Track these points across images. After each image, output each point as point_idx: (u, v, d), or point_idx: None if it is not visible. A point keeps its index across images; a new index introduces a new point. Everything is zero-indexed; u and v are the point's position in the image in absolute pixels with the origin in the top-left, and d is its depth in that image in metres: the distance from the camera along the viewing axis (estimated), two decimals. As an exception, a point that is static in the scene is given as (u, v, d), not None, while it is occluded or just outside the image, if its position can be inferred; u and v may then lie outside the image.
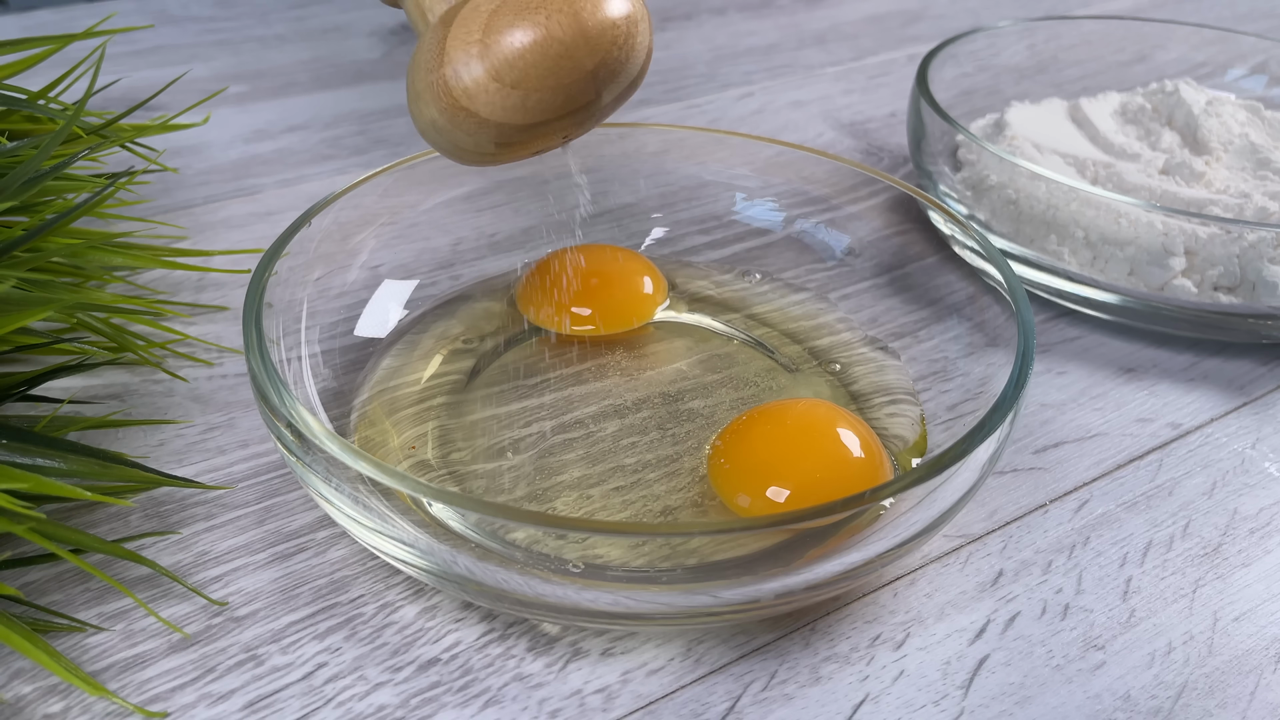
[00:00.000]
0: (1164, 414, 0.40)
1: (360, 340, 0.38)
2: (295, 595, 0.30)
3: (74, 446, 0.29)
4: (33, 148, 0.35)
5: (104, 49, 0.40)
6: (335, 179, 0.52)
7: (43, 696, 0.27)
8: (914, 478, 0.26)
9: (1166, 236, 0.41)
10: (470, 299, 0.41)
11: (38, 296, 0.29)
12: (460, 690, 0.28)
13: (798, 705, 0.28)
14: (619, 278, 0.40)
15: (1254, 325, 0.42)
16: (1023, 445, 0.38)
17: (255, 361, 0.29)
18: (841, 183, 0.42)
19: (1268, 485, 0.37)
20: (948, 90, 0.53)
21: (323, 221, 0.36)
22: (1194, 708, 0.29)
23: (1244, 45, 0.59)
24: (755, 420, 0.33)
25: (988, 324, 0.36)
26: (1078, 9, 0.83)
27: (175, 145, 0.53)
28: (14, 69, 0.41)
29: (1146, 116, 0.53)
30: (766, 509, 0.31)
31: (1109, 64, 0.60)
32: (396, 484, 0.26)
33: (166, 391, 0.38)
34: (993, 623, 0.31)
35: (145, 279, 0.43)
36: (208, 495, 0.33)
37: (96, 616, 0.29)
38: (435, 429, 0.35)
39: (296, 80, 0.63)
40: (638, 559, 0.30)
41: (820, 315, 0.41)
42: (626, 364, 0.38)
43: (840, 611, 0.31)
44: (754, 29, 0.74)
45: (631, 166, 0.44)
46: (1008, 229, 0.46)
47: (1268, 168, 0.47)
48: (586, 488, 0.32)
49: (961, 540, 0.34)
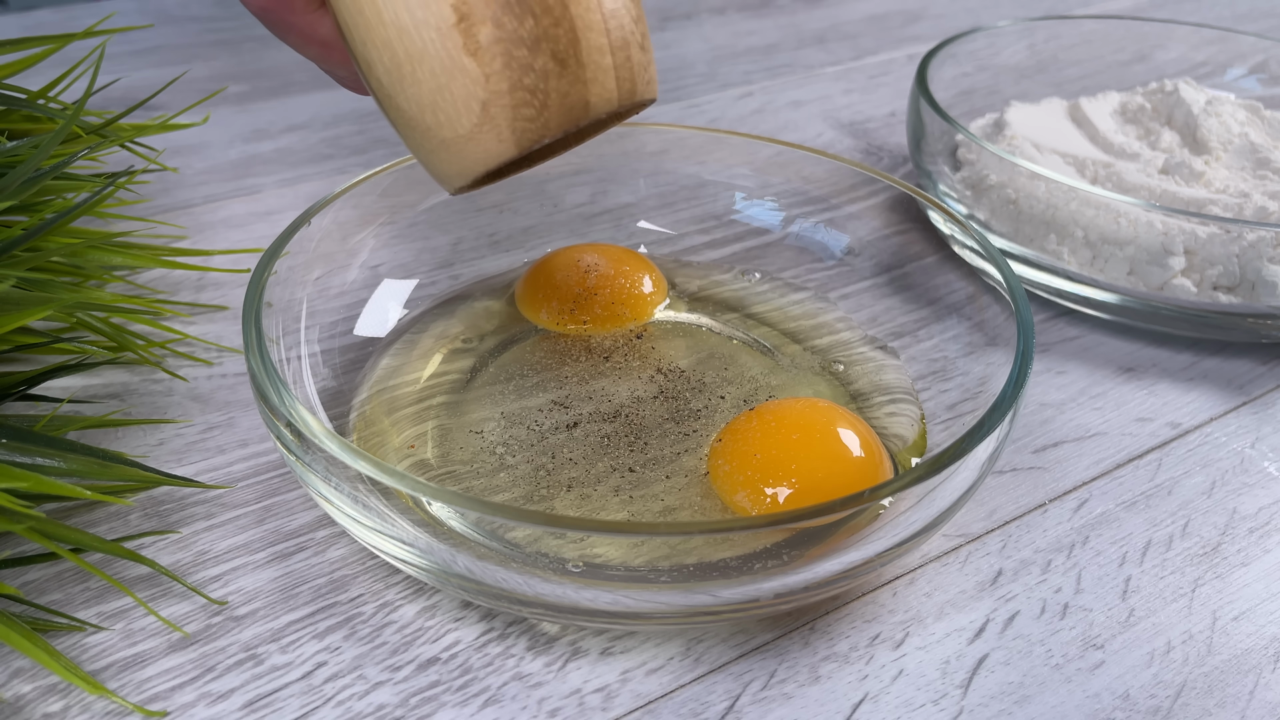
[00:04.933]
0: (1163, 413, 0.40)
1: (360, 340, 0.38)
2: (295, 594, 0.30)
3: (73, 446, 0.29)
4: (32, 147, 0.35)
5: (104, 49, 0.40)
6: (335, 179, 0.52)
7: (42, 695, 0.27)
8: (913, 477, 0.26)
9: (1166, 236, 0.41)
10: (470, 298, 0.41)
11: (37, 296, 0.29)
12: (460, 689, 0.28)
13: (797, 704, 0.28)
14: (618, 277, 0.40)
15: (1253, 325, 0.42)
16: (1022, 445, 0.38)
17: (255, 361, 0.29)
18: (841, 182, 0.42)
19: (1267, 485, 0.37)
20: (947, 90, 0.53)
21: (322, 221, 0.36)
22: (1193, 707, 0.29)
23: (1244, 45, 0.59)
24: (755, 420, 0.33)
25: (987, 323, 0.36)
26: (1078, 9, 0.83)
27: (175, 145, 0.53)
28: (14, 69, 0.41)
29: (1146, 116, 0.53)
30: (766, 508, 0.31)
31: (1109, 64, 0.60)
32: (396, 483, 0.26)
33: (166, 391, 0.38)
34: (992, 622, 0.31)
35: (145, 279, 0.43)
36: (207, 494, 0.34)
37: (96, 616, 0.29)
38: (435, 428, 0.35)
39: (296, 80, 0.63)
40: (637, 559, 0.30)
41: (820, 315, 0.41)
42: (626, 364, 0.38)
43: (839, 611, 0.31)
44: (754, 29, 0.74)
45: (631, 166, 0.44)
46: (1007, 228, 0.46)
47: (1267, 167, 0.47)
48: (586, 487, 0.32)
49: (961, 540, 0.34)
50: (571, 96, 0.25)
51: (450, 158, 0.25)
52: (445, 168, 0.26)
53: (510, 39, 0.24)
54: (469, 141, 0.25)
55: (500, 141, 0.25)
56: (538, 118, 0.25)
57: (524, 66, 0.24)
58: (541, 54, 0.24)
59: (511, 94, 0.24)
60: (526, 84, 0.24)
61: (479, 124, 0.24)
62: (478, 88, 0.24)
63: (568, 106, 0.25)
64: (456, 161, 0.25)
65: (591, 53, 0.24)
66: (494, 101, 0.24)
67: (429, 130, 0.25)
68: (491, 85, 0.24)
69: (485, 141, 0.25)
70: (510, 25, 0.24)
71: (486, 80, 0.24)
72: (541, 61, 0.24)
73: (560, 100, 0.25)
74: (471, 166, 0.25)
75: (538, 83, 0.24)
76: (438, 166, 0.26)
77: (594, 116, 0.26)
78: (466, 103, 0.24)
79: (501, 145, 0.25)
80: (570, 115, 0.25)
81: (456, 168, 0.26)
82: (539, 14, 0.24)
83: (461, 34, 0.24)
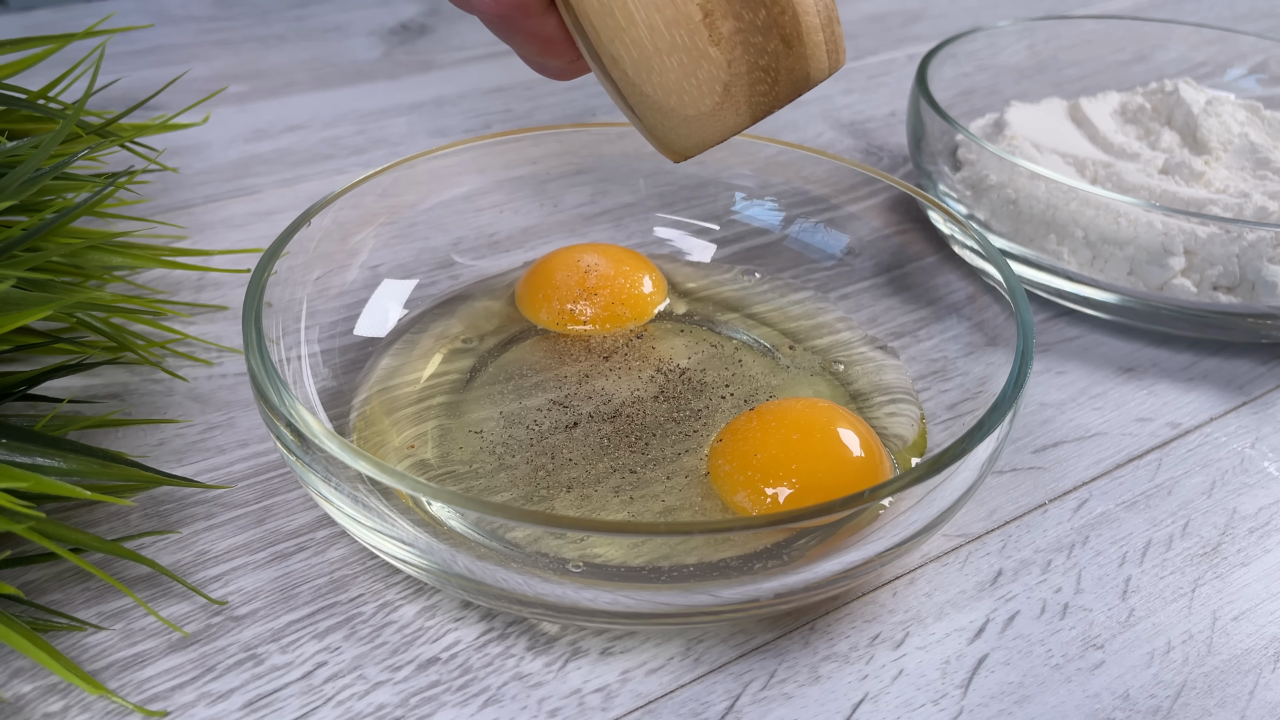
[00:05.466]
0: (1163, 413, 0.40)
1: (360, 340, 0.38)
2: (294, 594, 0.30)
3: (74, 446, 0.29)
4: (33, 147, 0.35)
5: (104, 49, 0.40)
6: (335, 179, 0.52)
7: (42, 695, 0.27)
8: (913, 477, 0.26)
9: (1166, 236, 0.41)
10: (470, 298, 0.41)
11: (38, 296, 0.29)
12: (460, 689, 0.28)
13: (797, 704, 0.28)
14: (618, 277, 0.40)
15: (1253, 325, 0.42)
16: (1022, 445, 0.38)
17: (255, 361, 0.29)
18: (841, 182, 0.42)
19: (1267, 485, 0.37)
20: (947, 90, 0.53)
21: (322, 221, 0.36)
22: (1193, 707, 0.29)
23: (1244, 45, 0.59)
24: (755, 420, 0.33)
25: (987, 323, 0.36)
26: (1078, 9, 0.83)
27: (175, 145, 0.53)
28: (14, 69, 0.41)
29: (1146, 116, 0.53)
30: (766, 508, 0.31)
31: (1109, 64, 0.60)
32: (396, 483, 0.26)
33: (166, 391, 0.38)
34: (992, 622, 0.31)
35: (145, 279, 0.43)
36: (207, 494, 0.34)
37: (96, 615, 0.29)
38: (435, 428, 0.35)
39: (296, 80, 0.63)
40: (637, 559, 0.30)
41: (820, 315, 0.41)
42: (626, 364, 0.38)
43: (839, 611, 0.31)
44: (754, 29, 0.74)
45: (631, 166, 0.44)
46: (1007, 228, 0.46)
47: (1267, 167, 0.47)
48: (586, 487, 0.32)
49: (961, 540, 0.34)
50: (797, 71, 0.28)
51: (691, 132, 0.29)
52: (683, 141, 0.30)
53: (748, 28, 0.27)
54: (710, 118, 0.29)
55: (738, 115, 0.29)
56: (770, 92, 0.28)
57: (759, 50, 0.28)
58: (773, 38, 0.27)
59: (749, 75, 0.28)
60: (762, 65, 0.28)
61: (720, 103, 0.28)
62: (721, 72, 0.28)
63: (794, 80, 0.28)
64: (697, 135, 0.29)
65: (809, 32, 0.28)
66: (735, 83, 0.28)
67: (673, 110, 0.28)
68: (733, 69, 0.28)
69: (725, 117, 0.29)
70: (748, 17, 0.27)
71: (729, 65, 0.28)
72: (773, 44, 0.28)
73: (788, 75, 0.28)
74: (710, 138, 0.29)
75: (771, 63, 0.28)
76: (676, 141, 0.30)
77: (813, 85, 0.29)
78: (710, 85, 0.28)
79: (739, 118, 0.29)
80: (795, 87, 0.29)
81: (696, 140, 0.29)
82: (769, 4, 0.27)
83: (707, 28, 0.27)
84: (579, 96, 0.62)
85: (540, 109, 0.61)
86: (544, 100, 0.62)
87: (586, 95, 0.62)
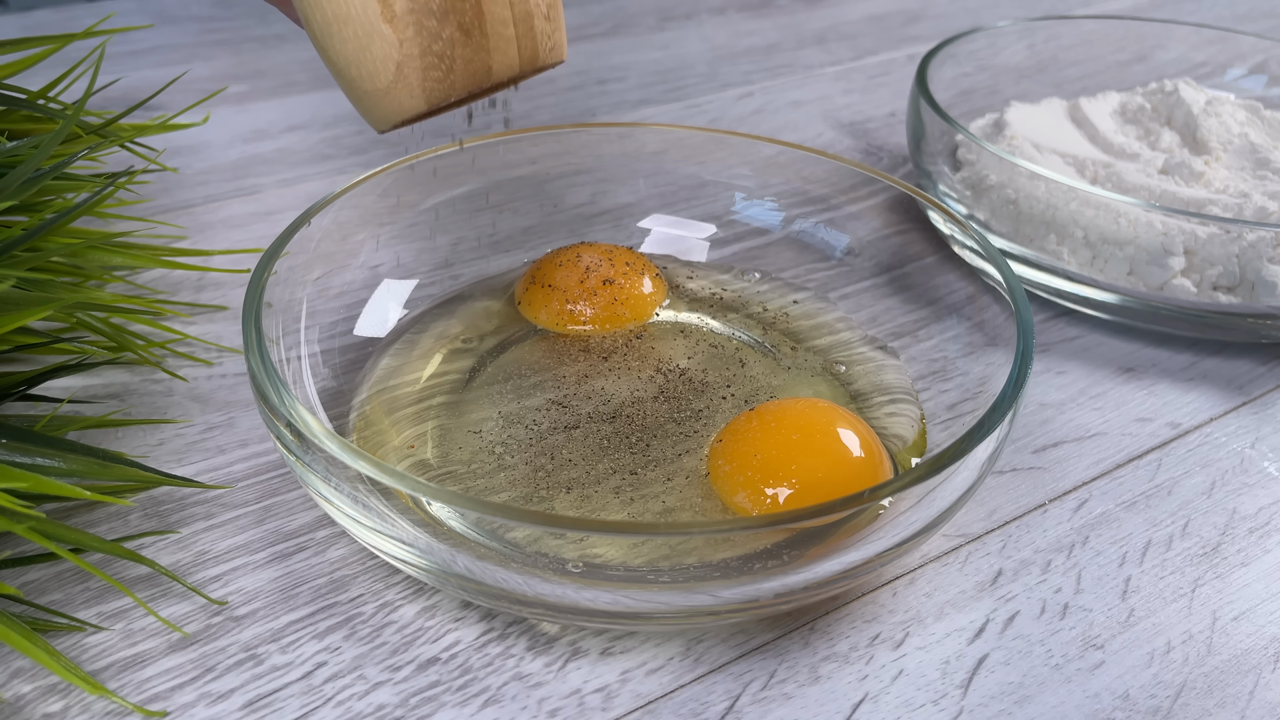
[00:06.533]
0: (1163, 413, 0.40)
1: (360, 340, 0.38)
2: (295, 595, 0.30)
3: (73, 446, 0.29)
4: (32, 147, 0.35)
5: (104, 49, 0.40)
6: (335, 179, 0.52)
7: (42, 695, 0.27)
8: (913, 477, 0.26)
9: (1166, 236, 0.41)
10: (469, 298, 0.41)
11: (38, 296, 0.29)
12: (460, 689, 0.28)
13: (797, 704, 0.28)
14: (618, 277, 0.40)
15: (1253, 325, 0.42)
16: (1022, 445, 0.38)
17: (255, 361, 0.29)
18: (841, 182, 0.42)
19: (1267, 485, 0.37)
20: (947, 90, 0.53)
21: (322, 221, 0.36)
22: (1193, 707, 0.29)
23: (1244, 45, 0.59)
24: (755, 420, 0.33)
25: (987, 324, 0.36)
26: (1078, 9, 0.83)
27: (175, 145, 0.53)
28: (14, 69, 0.41)
29: (1146, 116, 0.53)
30: (766, 509, 0.31)
31: (1109, 64, 0.60)
32: (396, 483, 0.26)
33: (166, 391, 0.38)
34: (992, 622, 0.31)
35: (145, 279, 0.43)
36: (207, 495, 0.34)
37: (96, 616, 0.29)
38: (434, 428, 0.35)
39: (296, 80, 0.63)
40: (637, 559, 0.30)
41: (820, 315, 0.41)
42: (626, 364, 0.38)
43: (839, 611, 0.31)
44: (754, 29, 0.74)
45: (631, 166, 0.44)
46: (1007, 229, 0.46)
47: (1267, 167, 0.47)
48: (586, 488, 0.32)
49: (961, 540, 0.34)
50: (475, 63, 0.28)
51: (372, 106, 0.29)
52: (369, 114, 0.29)
53: (421, 10, 0.27)
54: (386, 95, 0.28)
55: (412, 97, 0.28)
56: (445, 79, 0.28)
57: (433, 34, 0.27)
58: (449, 24, 0.27)
59: (422, 58, 0.27)
60: (435, 50, 0.27)
61: (394, 81, 0.28)
62: (393, 50, 0.27)
63: (472, 71, 0.28)
64: (378, 110, 0.29)
65: (495, 24, 0.28)
66: (406, 64, 0.27)
67: (354, 81, 0.28)
68: (404, 49, 0.27)
69: (400, 97, 0.28)
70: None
71: (400, 45, 0.27)
72: (449, 31, 0.27)
73: (465, 65, 0.28)
74: (390, 115, 0.29)
75: (445, 49, 0.27)
76: (365, 112, 0.29)
77: (496, 80, 0.29)
78: (384, 62, 0.27)
79: (413, 100, 0.28)
80: (474, 79, 0.28)
81: (378, 115, 0.29)
82: None
83: (379, 3, 0.27)
84: (579, 97, 0.62)
85: (540, 109, 0.61)
86: (544, 100, 0.62)
87: (586, 95, 0.62)
